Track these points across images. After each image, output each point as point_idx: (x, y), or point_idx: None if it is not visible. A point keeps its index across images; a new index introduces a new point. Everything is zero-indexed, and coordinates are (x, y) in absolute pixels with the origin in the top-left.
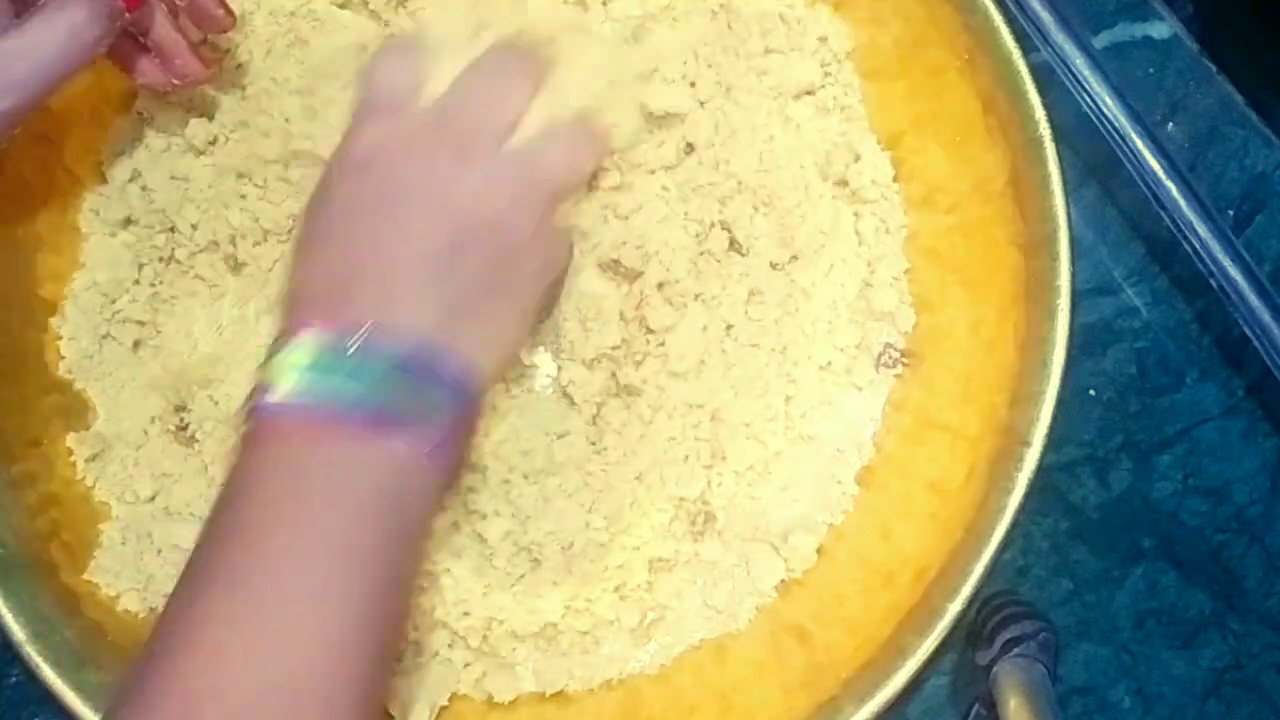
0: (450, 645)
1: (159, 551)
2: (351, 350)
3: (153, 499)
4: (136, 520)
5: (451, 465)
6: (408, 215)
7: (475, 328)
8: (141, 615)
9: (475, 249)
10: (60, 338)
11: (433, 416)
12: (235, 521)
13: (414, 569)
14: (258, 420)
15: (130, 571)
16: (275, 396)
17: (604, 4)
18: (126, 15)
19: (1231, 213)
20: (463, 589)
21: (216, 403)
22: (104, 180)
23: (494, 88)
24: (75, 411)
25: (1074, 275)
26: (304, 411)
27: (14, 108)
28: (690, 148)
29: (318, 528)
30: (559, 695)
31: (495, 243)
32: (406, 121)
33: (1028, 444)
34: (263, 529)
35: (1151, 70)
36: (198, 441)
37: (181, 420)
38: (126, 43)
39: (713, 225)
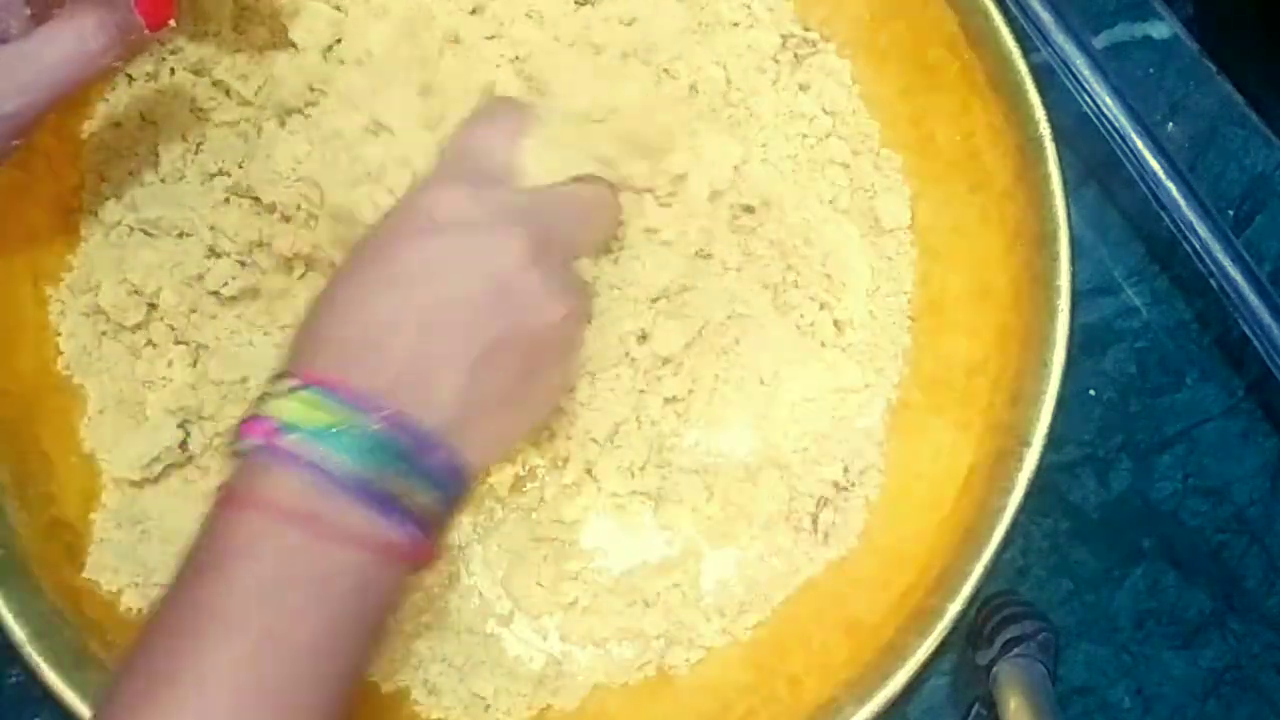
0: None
1: (154, 539)
2: (359, 420)
3: (152, 483)
4: (128, 508)
5: (427, 559)
6: (466, 297)
7: (486, 429)
8: (143, 612)
9: (519, 351)
10: (60, 334)
11: (420, 514)
12: (202, 601)
13: (363, 668)
14: (250, 469)
15: (128, 565)
16: (271, 443)
17: (593, 5)
18: (146, 32)
19: (1231, 213)
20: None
21: (211, 417)
22: (104, 180)
23: (577, 203)
24: (75, 409)
25: (1074, 275)
26: (294, 469)
27: (16, 111)
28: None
29: (287, 612)
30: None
31: (535, 354)
32: (494, 203)
33: (1028, 444)
34: (226, 620)
35: (1151, 70)
36: (191, 447)
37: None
38: None
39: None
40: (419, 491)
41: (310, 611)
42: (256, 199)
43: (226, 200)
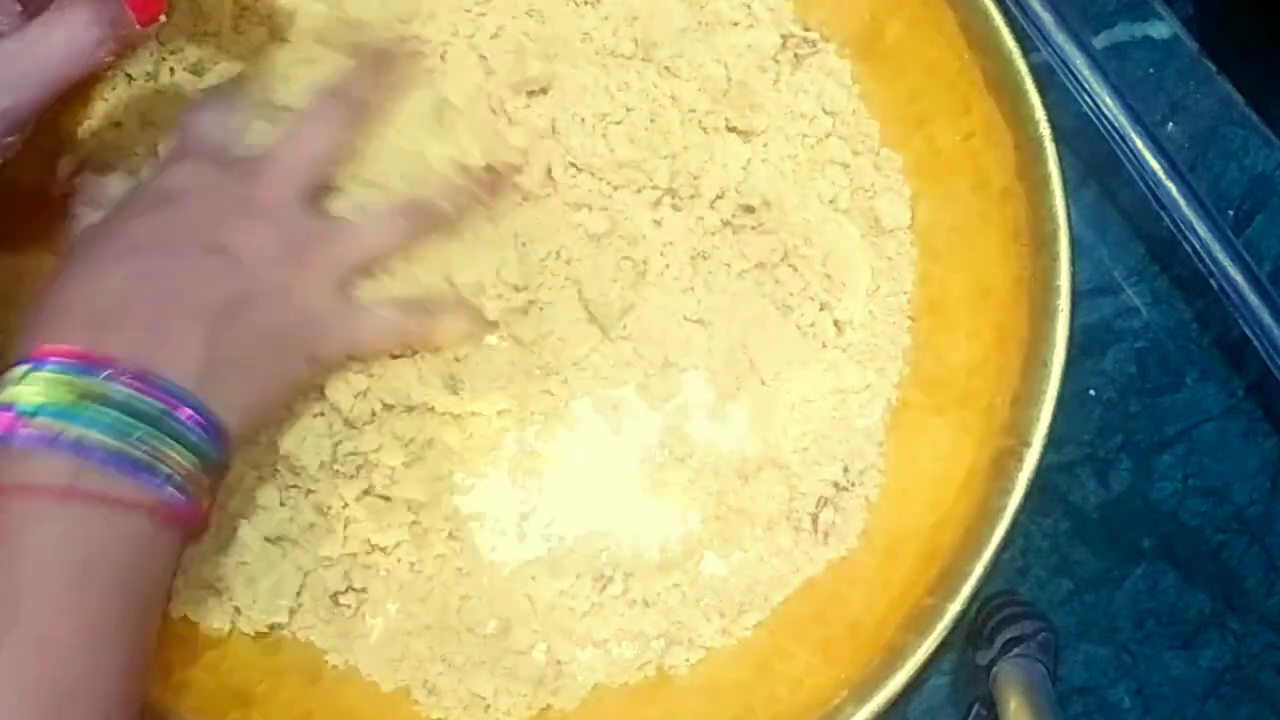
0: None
1: None
2: (102, 388)
3: None
4: None
5: (193, 533)
6: (194, 262)
7: (235, 391)
8: None
9: (256, 312)
10: None
11: (180, 476)
12: None
13: (149, 639)
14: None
15: None
16: (14, 430)
17: (593, 4)
18: (138, 28)
19: (1231, 213)
20: None
21: None
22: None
23: (313, 140)
24: None
25: (1074, 275)
26: (43, 451)
27: (11, 107)
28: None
29: (51, 607)
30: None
31: (278, 310)
32: (218, 169)
33: (1028, 444)
34: None
35: (1151, 70)
36: None
37: None
38: None
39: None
40: (174, 452)
41: (81, 600)
42: None
43: None
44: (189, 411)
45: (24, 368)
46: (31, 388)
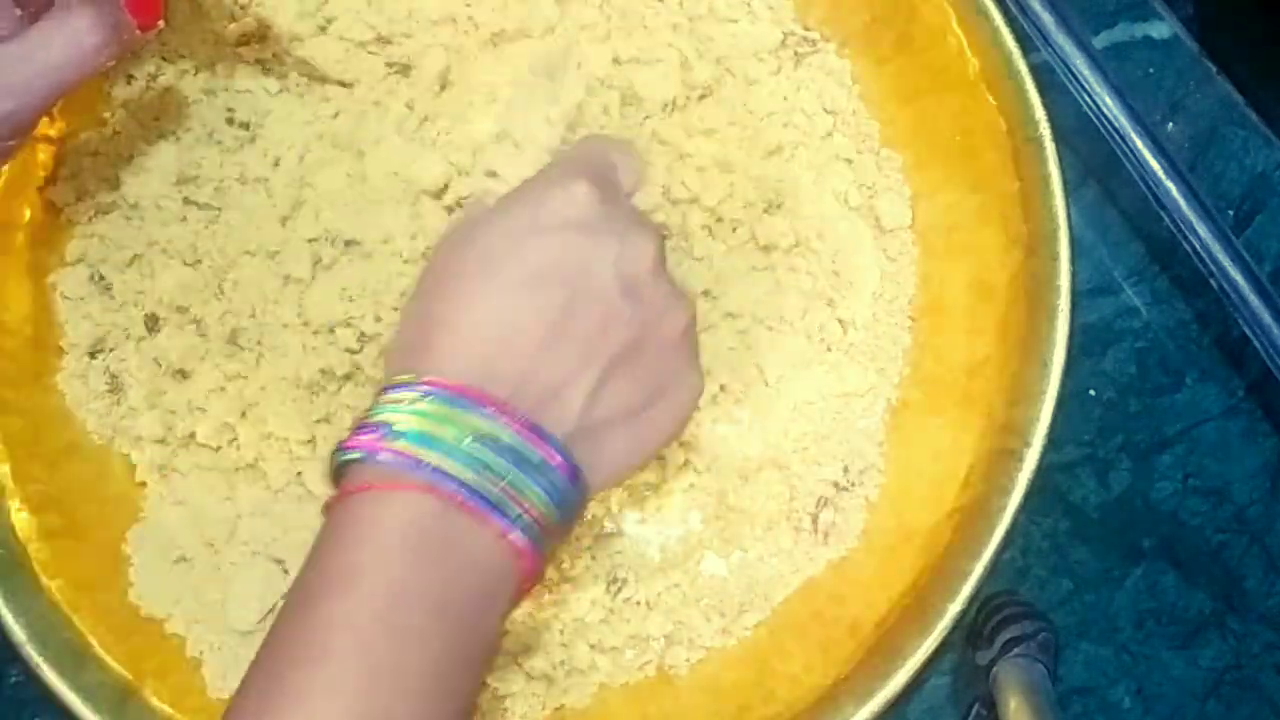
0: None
1: None
2: (479, 424)
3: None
4: None
5: (535, 577)
6: (609, 304)
7: (608, 448)
8: (142, 611)
9: (640, 368)
10: (64, 329)
11: (533, 521)
12: (320, 590)
13: (480, 678)
14: (362, 468)
15: None
16: (376, 450)
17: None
18: (138, 32)
19: (1231, 213)
20: None
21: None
22: (102, 180)
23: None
24: (74, 414)
25: (1074, 275)
26: (402, 472)
27: (12, 111)
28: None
29: (404, 655)
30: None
31: (663, 365)
32: (623, 207)
33: (1028, 444)
34: (348, 604)
35: (1151, 70)
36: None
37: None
38: None
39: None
40: (533, 498)
41: (429, 632)
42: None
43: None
44: (560, 460)
45: (409, 393)
46: (407, 413)
